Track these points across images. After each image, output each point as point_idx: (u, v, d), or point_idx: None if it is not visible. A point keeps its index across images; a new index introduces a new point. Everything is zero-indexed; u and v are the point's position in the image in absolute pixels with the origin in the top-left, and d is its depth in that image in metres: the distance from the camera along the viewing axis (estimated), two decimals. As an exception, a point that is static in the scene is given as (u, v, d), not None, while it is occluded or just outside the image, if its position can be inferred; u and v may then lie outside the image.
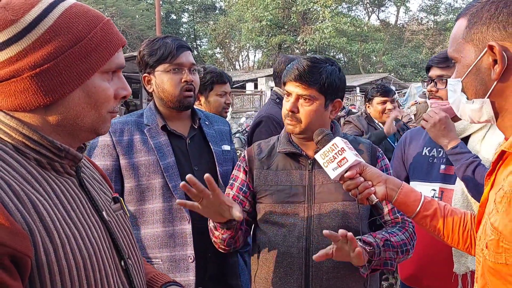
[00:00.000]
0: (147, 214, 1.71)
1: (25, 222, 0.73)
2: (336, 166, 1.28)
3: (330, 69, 1.54)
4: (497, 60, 0.90)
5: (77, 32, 0.83)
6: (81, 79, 0.84)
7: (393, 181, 1.29)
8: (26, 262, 0.71)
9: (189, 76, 1.74)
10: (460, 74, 0.99)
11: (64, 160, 0.88)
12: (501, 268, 0.86)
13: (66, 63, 0.82)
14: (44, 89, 0.81)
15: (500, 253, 0.85)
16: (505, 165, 0.92)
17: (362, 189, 1.26)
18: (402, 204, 1.26)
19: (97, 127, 0.90)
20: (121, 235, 0.96)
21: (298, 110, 1.53)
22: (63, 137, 0.87)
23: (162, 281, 1.10)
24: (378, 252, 1.43)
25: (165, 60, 1.73)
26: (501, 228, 0.85)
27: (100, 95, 0.87)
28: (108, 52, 0.87)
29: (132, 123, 1.78)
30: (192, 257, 1.69)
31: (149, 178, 1.70)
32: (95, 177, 1.03)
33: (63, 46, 0.81)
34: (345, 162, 1.27)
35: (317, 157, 1.33)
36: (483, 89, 0.95)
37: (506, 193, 0.85)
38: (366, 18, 40.44)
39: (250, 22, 30.15)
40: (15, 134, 0.83)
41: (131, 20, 28.46)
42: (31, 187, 0.79)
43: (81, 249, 0.80)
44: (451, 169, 1.92)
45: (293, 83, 1.53)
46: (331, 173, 1.30)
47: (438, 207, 1.25)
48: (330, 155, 1.30)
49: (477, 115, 0.98)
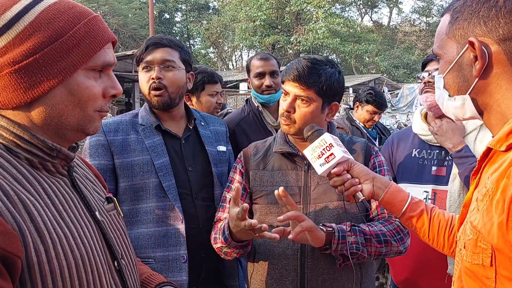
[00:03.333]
0: (140, 213, 1.70)
1: (16, 223, 0.72)
2: (323, 162, 1.27)
3: (330, 72, 1.53)
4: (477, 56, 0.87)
5: (58, 28, 0.81)
6: (62, 76, 0.82)
7: (381, 180, 1.27)
8: (17, 262, 0.70)
9: (155, 73, 1.70)
10: (442, 71, 0.97)
11: (56, 159, 0.87)
12: (478, 269, 0.84)
13: (45, 59, 0.80)
14: (24, 86, 0.80)
15: (478, 254, 0.83)
16: (491, 163, 0.90)
17: (349, 186, 1.25)
18: (388, 203, 1.25)
19: (84, 126, 0.88)
20: (114, 235, 0.95)
21: (294, 110, 1.52)
22: (50, 136, 0.86)
23: (156, 281, 1.10)
24: (338, 235, 1.43)
25: (139, 59, 1.75)
26: (480, 226, 0.83)
27: (83, 93, 0.85)
28: (92, 48, 0.85)
29: (126, 122, 1.77)
30: (185, 257, 1.68)
31: (143, 178, 1.69)
32: (88, 176, 1.02)
33: (42, 42, 0.80)
34: (332, 158, 1.26)
35: (306, 152, 1.33)
36: (465, 86, 0.93)
37: (488, 191, 0.83)
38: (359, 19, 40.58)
39: (244, 22, 30.11)
40: (6, 134, 0.82)
41: (124, 19, 28.27)
42: (21, 187, 0.78)
43: (73, 250, 0.79)
44: (442, 170, 1.93)
45: (291, 83, 1.52)
46: (318, 168, 1.29)
47: (425, 209, 1.24)
48: (318, 151, 1.29)
49: (461, 112, 0.96)
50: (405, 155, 2.10)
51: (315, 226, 1.40)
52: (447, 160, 1.98)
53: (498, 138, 0.86)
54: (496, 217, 0.78)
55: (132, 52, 17.08)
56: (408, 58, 36.31)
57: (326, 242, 1.42)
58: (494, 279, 0.80)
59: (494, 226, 0.78)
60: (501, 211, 0.77)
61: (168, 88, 1.73)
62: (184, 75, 1.80)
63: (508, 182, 0.77)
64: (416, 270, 1.97)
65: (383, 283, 3.55)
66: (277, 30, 32.40)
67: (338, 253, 1.44)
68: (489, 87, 0.89)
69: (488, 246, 0.81)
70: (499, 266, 0.79)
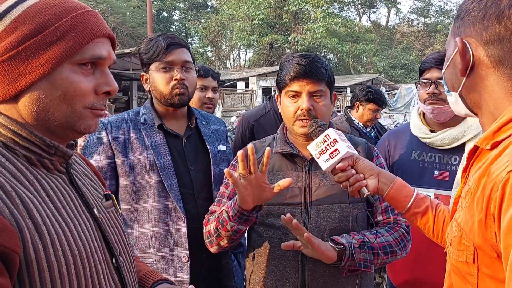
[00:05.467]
0: (142, 213, 1.69)
1: (14, 219, 0.71)
2: (328, 157, 1.26)
3: (327, 63, 1.58)
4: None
5: (42, 21, 0.81)
6: (44, 68, 0.81)
7: (386, 175, 1.27)
8: (14, 258, 0.69)
9: (179, 75, 1.71)
10: (444, 66, 1.01)
11: (54, 157, 0.86)
12: (462, 266, 0.85)
13: (28, 52, 0.80)
14: (7, 79, 0.80)
15: (462, 251, 0.85)
16: (478, 161, 0.92)
17: (354, 182, 1.24)
18: (393, 199, 1.25)
19: (74, 123, 0.86)
20: (113, 233, 0.95)
21: (313, 108, 1.52)
22: (43, 134, 0.85)
23: (154, 278, 1.09)
24: (349, 253, 1.41)
25: (156, 58, 1.72)
26: (463, 224, 0.84)
27: (69, 88, 0.83)
28: (78, 42, 0.83)
29: (128, 121, 1.76)
30: (186, 257, 1.67)
31: (144, 177, 1.68)
32: (87, 173, 1.02)
33: (25, 35, 0.80)
34: (337, 153, 1.25)
35: (310, 148, 1.32)
36: (457, 83, 0.95)
37: (471, 189, 0.84)
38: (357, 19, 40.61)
39: (242, 21, 30.10)
40: (4, 131, 0.82)
41: (122, 17, 28.19)
42: (20, 184, 0.77)
43: (71, 246, 0.79)
44: (445, 175, 1.89)
45: (301, 81, 1.51)
46: (322, 164, 1.28)
47: (430, 205, 1.24)
48: (322, 146, 1.28)
49: (457, 108, 1.00)
50: (403, 156, 2.04)
51: (325, 248, 1.39)
52: (449, 165, 1.92)
53: (484, 136, 0.88)
54: (476, 214, 0.79)
55: (130, 50, 17.01)
56: (406, 59, 36.40)
57: (337, 260, 1.42)
58: (476, 276, 0.82)
59: (475, 224, 0.79)
60: (480, 209, 0.78)
61: (188, 89, 1.76)
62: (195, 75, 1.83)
63: (487, 180, 0.78)
64: (416, 272, 1.94)
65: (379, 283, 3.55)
66: (275, 29, 32.39)
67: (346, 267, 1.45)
68: (477, 87, 0.91)
69: (471, 243, 0.82)
70: (481, 264, 0.80)
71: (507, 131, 0.83)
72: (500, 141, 0.84)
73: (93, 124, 0.90)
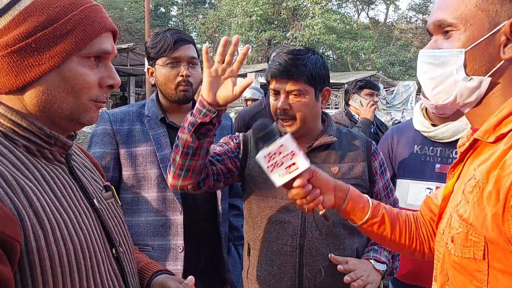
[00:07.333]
0: (142, 202, 1.74)
1: (14, 207, 0.72)
2: (283, 172, 1.06)
3: (314, 59, 1.50)
4: (509, 37, 0.84)
5: (53, 13, 0.81)
6: (54, 61, 0.82)
7: (341, 187, 1.15)
8: (15, 247, 0.70)
9: (185, 71, 1.74)
10: (463, 44, 0.88)
11: (54, 147, 0.87)
12: (468, 263, 0.83)
13: (38, 44, 0.80)
14: (15, 70, 0.80)
15: (469, 247, 0.83)
16: (476, 154, 0.89)
17: (311, 199, 1.09)
18: (349, 212, 1.15)
19: (78, 115, 0.87)
20: (112, 223, 0.95)
21: (290, 107, 1.48)
22: (46, 124, 0.86)
23: (153, 269, 1.11)
24: (389, 267, 1.44)
25: (163, 53, 1.75)
26: (472, 219, 0.82)
27: (77, 80, 0.84)
28: (87, 36, 0.84)
29: (133, 113, 1.81)
30: (181, 247, 1.71)
31: (145, 168, 1.73)
32: (86, 165, 1.02)
33: (36, 27, 0.80)
34: (294, 168, 1.05)
35: (259, 159, 1.08)
36: (486, 67, 0.87)
37: (478, 182, 0.82)
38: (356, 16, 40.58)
39: (240, 17, 30.02)
40: (4, 121, 0.82)
41: (119, 12, 28.06)
42: (20, 173, 0.78)
43: (72, 236, 0.80)
44: (446, 168, 1.90)
45: (279, 80, 1.48)
46: (277, 179, 1.07)
47: (386, 212, 1.16)
48: (277, 159, 1.06)
49: (469, 94, 0.89)
50: (406, 150, 2.06)
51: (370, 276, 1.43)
52: (451, 158, 1.95)
53: (485, 129, 0.86)
54: (489, 208, 0.78)
55: (128, 45, 16.94)
56: (404, 56, 36.40)
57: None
58: (486, 272, 0.80)
59: (487, 218, 0.78)
60: (495, 202, 0.77)
61: (193, 85, 1.79)
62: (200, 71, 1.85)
63: (502, 173, 0.77)
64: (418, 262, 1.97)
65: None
66: (273, 26, 32.32)
67: None
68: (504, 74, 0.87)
69: (481, 239, 0.80)
70: (491, 259, 0.80)
71: (510, 124, 0.83)
72: (505, 134, 0.83)
73: (96, 116, 0.91)
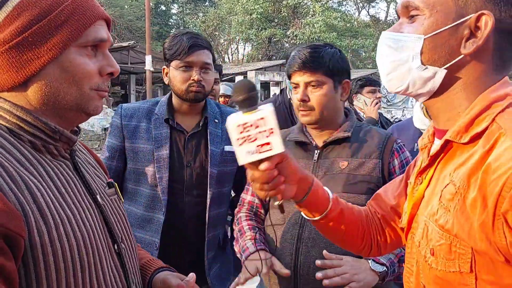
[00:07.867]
0: (137, 195, 1.84)
1: (19, 203, 0.72)
2: (253, 149, 0.88)
3: (331, 52, 1.56)
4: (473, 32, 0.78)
5: (45, 6, 0.82)
6: (52, 53, 0.82)
7: (306, 179, 1.02)
8: (20, 242, 0.70)
9: (197, 76, 1.77)
10: (424, 30, 0.81)
11: (59, 142, 0.87)
12: (453, 277, 0.76)
13: (34, 37, 0.81)
14: (15, 65, 0.81)
15: (453, 260, 0.75)
16: (449, 157, 0.82)
17: (272, 187, 0.94)
18: (309, 204, 1.04)
19: (82, 105, 0.88)
20: (115, 219, 0.96)
21: (309, 98, 1.54)
22: (52, 119, 0.86)
23: (155, 266, 1.11)
24: (391, 271, 1.43)
25: (177, 56, 1.79)
26: (456, 229, 0.74)
27: (77, 70, 0.85)
28: (81, 24, 0.85)
29: (143, 110, 1.87)
30: (157, 245, 1.77)
31: (144, 165, 1.81)
32: (90, 161, 1.03)
33: (31, 21, 0.81)
34: (267, 149, 0.88)
35: (231, 126, 0.89)
36: (445, 58, 0.81)
37: (459, 189, 0.74)
38: (356, 14, 40.54)
39: (240, 15, 29.98)
40: (9, 116, 0.82)
41: (119, 10, 28.05)
42: (25, 169, 0.78)
43: (75, 231, 0.80)
44: None
45: (298, 73, 1.56)
46: (243, 157, 0.89)
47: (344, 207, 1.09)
48: (252, 132, 0.88)
49: (422, 84, 0.84)
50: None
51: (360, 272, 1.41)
52: None
53: (456, 130, 0.79)
54: (474, 217, 0.71)
55: (128, 43, 16.94)
56: (404, 54, 36.36)
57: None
58: (474, 285, 0.74)
59: (473, 227, 0.71)
60: (481, 210, 0.70)
61: (205, 87, 1.83)
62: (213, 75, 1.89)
63: (487, 177, 0.70)
64: None
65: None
66: (273, 24, 32.26)
67: None
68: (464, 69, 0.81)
69: (467, 250, 0.74)
70: (479, 271, 0.73)
71: (482, 123, 0.76)
72: (480, 133, 0.76)
73: (100, 106, 0.92)
